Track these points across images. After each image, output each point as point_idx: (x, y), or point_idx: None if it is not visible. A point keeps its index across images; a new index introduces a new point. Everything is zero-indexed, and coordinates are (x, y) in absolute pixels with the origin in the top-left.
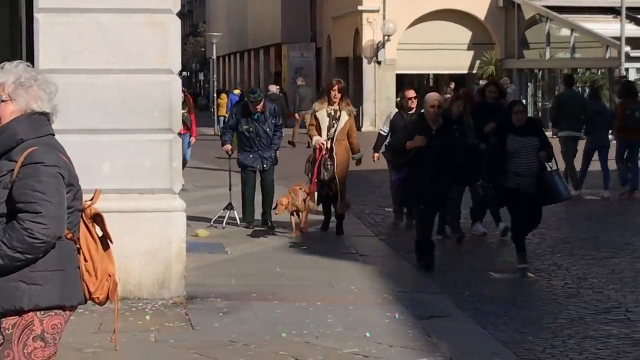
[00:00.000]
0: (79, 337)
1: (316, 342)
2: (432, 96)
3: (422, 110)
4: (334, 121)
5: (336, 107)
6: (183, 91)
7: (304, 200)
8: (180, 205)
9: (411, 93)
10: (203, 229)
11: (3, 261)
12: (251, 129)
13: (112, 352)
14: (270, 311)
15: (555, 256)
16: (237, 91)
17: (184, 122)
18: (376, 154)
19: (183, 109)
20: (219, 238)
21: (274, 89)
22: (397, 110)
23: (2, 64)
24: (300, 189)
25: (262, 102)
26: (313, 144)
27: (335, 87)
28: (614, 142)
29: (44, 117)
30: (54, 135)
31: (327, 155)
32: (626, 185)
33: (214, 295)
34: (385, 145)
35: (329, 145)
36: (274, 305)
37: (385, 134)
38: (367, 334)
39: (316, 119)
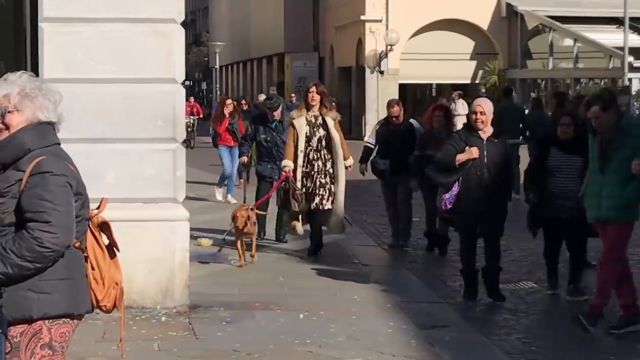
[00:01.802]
0: (82, 346)
1: (319, 351)
2: (477, 101)
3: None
4: (314, 129)
5: (316, 112)
6: (228, 98)
7: (254, 223)
8: (184, 215)
9: (394, 111)
10: (206, 238)
11: (12, 270)
12: (269, 138)
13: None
14: (274, 320)
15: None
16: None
17: (233, 133)
18: (363, 166)
19: (232, 119)
20: (222, 247)
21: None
22: (382, 121)
23: (5, 75)
24: (252, 209)
25: (279, 110)
26: (282, 166)
27: (313, 89)
28: None
29: (50, 127)
30: (59, 144)
31: (294, 183)
32: None
33: (217, 304)
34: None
35: (315, 156)
36: (277, 315)
37: (372, 146)
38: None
39: (293, 127)
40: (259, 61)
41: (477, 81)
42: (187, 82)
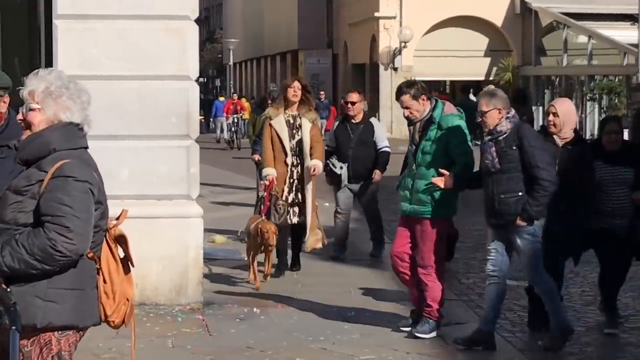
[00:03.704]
0: (96, 343)
1: (333, 348)
2: (553, 101)
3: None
4: (293, 130)
5: (295, 112)
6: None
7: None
8: (198, 212)
9: (352, 97)
10: (220, 235)
11: (19, 266)
12: None
13: (130, 357)
14: (287, 317)
15: (572, 264)
16: (222, 98)
17: None
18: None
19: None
20: (235, 244)
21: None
22: (340, 118)
23: (37, 70)
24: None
25: None
26: (262, 175)
27: (295, 84)
28: None
29: (77, 129)
30: (87, 148)
31: (278, 194)
32: None
33: (231, 301)
34: None
35: (294, 161)
36: (291, 312)
37: (330, 149)
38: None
39: (271, 128)
40: (272, 58)
41: (491, 78)
42: (201, 79)
